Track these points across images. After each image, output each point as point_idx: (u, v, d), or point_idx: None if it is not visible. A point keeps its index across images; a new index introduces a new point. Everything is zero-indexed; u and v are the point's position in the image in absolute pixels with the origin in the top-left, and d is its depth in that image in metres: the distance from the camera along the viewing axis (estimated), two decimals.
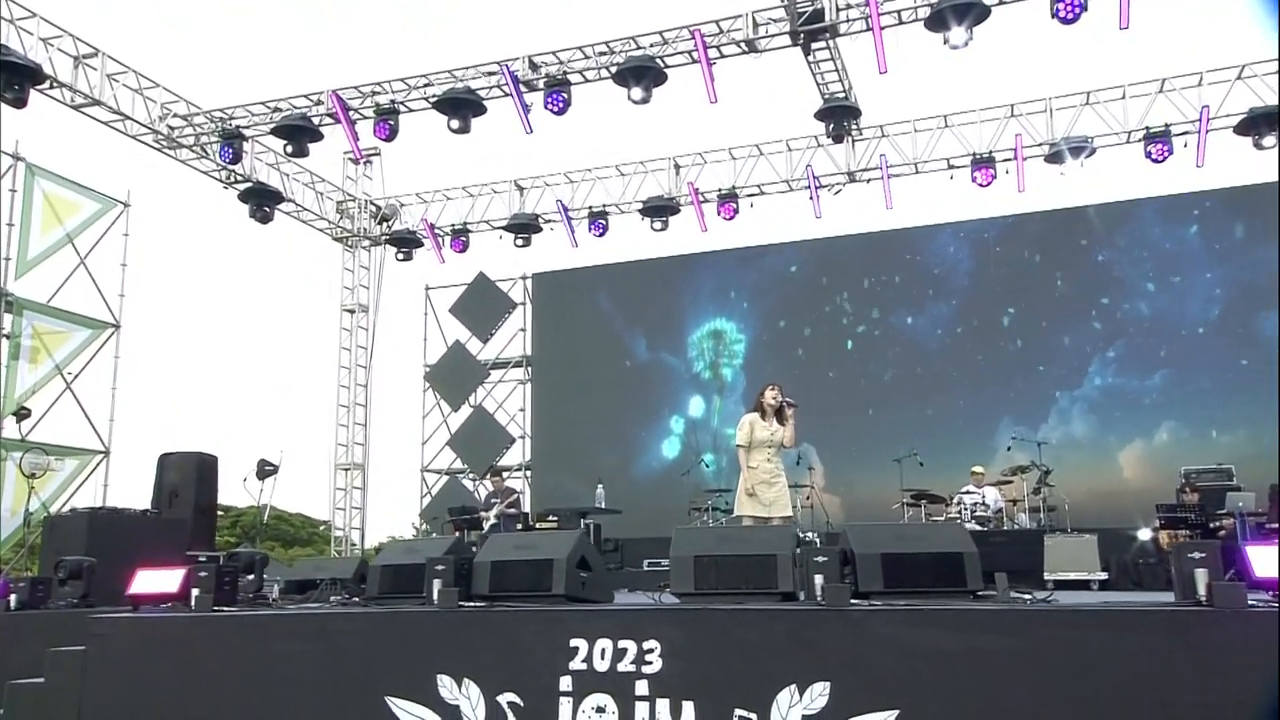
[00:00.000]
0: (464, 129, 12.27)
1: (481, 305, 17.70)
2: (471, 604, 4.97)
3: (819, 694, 4.22)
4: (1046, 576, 9.27)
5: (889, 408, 15.03)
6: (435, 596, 4.97)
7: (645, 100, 11.62)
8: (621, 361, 16.86)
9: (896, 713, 4.10)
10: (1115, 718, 3.81)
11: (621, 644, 4.52)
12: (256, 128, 13.94)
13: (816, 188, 14.84)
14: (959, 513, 11.76)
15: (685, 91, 12.08)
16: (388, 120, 12.75)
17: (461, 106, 12.29)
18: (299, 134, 13.17)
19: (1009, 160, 13.86)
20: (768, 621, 4.38)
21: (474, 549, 5.79)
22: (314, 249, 17.66)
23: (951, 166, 14.41)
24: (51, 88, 12.47)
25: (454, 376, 17.77)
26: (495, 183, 16.85)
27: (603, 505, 11.70)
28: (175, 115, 13.96)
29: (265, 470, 11.99)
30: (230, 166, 14.19)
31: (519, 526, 11.27)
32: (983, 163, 13.90)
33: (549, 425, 17.25)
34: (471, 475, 17.31)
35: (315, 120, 13.36)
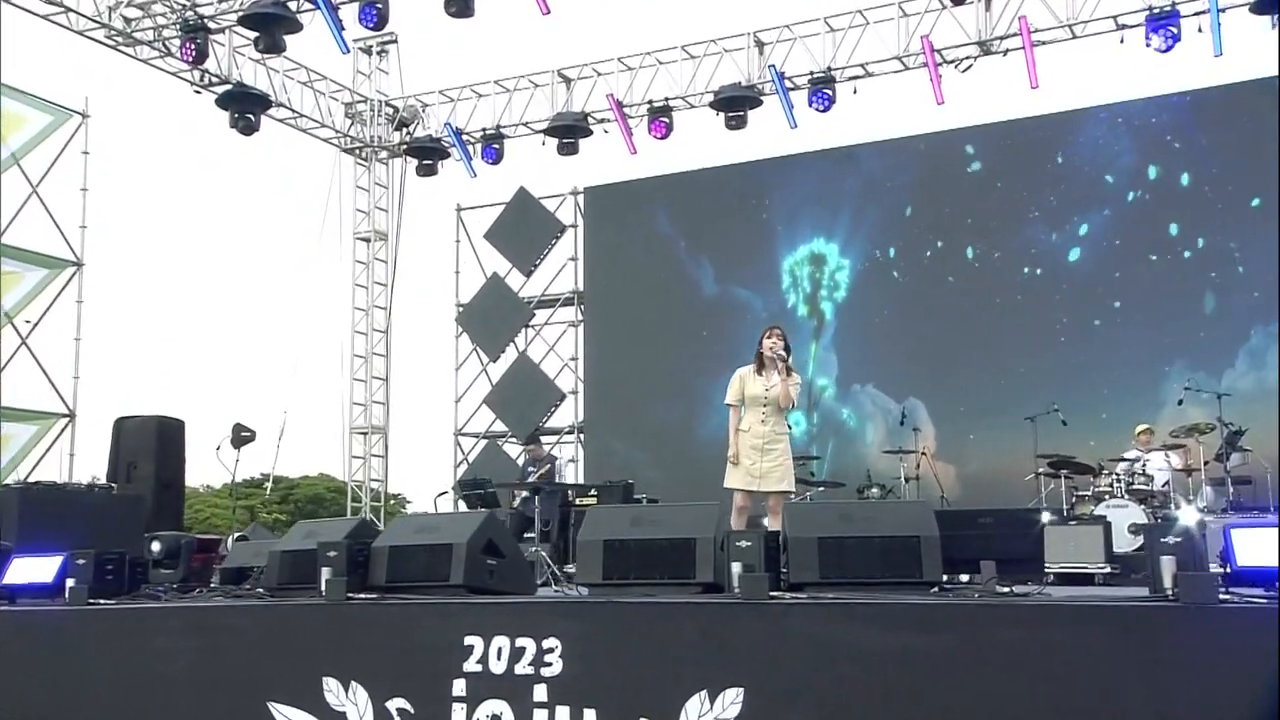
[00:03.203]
0: (464, 12, 12.63)
1: (523, 229, 18.21)
2: (362, 596, 5.51)
3: (731, 701, 4.63)
4: None
5: (1023, 350, 14.94)
6: (323, 587, 5.53)
7: None
8: (686, 297, 17.19)
9: None
10: None
11: (520, 642, 5.02)
12: (224, 17, 14.61)
13: (937, 65, 14.73)
14: (1111, 485, 11.76)
15: None
16: (374, 3, 13.21)
17: None
18: (271, 24, 13.66)
19: (1201, 14, 13.43)
20: (677, 617, 4.80)
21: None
22: (319, 164, 18.36)
23: (1121, 27, 14.07)
24: None
25: (492, 318, 18.40)
26: (535, 74, 17.19)
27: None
28: (131, 4, 14.72)
29: (241, 437, 12.90)
30: (199, 67, 14.90)
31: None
32: (1162, 18, 13.46)
33: (605, 378, 17.75)
34: (514, 439, 17.93)
35: (292, 5, 13.90)
